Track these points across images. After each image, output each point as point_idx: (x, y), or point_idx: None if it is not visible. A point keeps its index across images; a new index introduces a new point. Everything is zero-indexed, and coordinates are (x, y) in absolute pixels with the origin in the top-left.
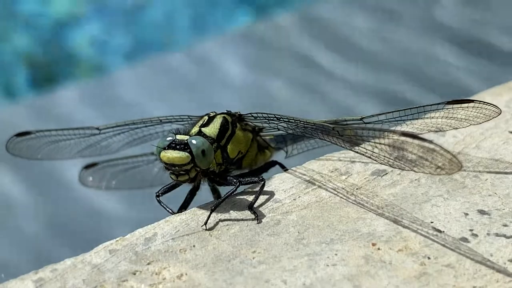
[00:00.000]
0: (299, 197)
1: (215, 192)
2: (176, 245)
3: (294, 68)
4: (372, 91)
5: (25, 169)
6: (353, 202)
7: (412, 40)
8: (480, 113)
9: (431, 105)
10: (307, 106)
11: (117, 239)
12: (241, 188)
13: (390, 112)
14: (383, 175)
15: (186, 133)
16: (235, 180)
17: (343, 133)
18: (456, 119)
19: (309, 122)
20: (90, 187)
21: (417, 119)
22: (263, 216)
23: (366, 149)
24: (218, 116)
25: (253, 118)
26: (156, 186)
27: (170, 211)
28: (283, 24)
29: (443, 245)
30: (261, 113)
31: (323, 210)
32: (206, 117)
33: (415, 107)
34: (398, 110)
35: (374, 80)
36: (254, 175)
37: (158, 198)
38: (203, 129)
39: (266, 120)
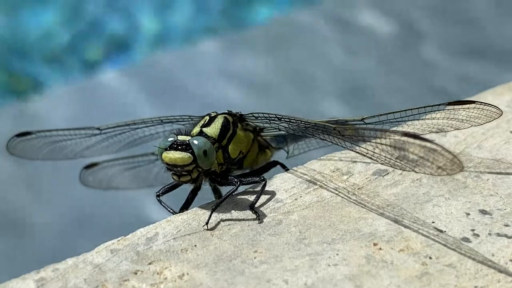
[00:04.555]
0: (300, 197)
1: (216, 192)
2: (177, 245)
3: None
4: None
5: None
6: (355, 202)
7: None
8: (481, 114)
9: (431, 106)
10: None
11: (119, 238)
12: (242, 188)
13: (391, 113)
14: (385, 175)
15: (188, 133)
16: (236, 180)
17: (344, 133)
18: (457, 120)
19: (310, 122)
20: (91, 187)
21: (418, 119)
22: (265, 216)
23: (367, 150)
24: (219, 116)
25: (254, 118)
26: (156, 186)
27: (171, 211)
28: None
29: (445, 245)
30: (262, 113)
31: (324, 210)
32: (207, 117)
33: (415, 108)
34: (399, 111)
35: None
36: (255, 175)
37: (158, 198)
38: (204, 129)
39: (267, 120)
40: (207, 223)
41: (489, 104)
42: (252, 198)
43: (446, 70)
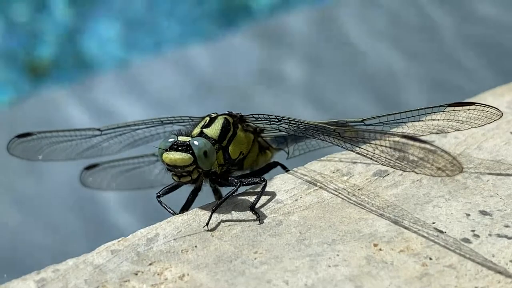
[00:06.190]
0: (300, 197)
1: (217, 193)
2: (178, 246)
3: None
4: None
5: None
6: (355, 202)
7: None
8: (481, 116)
9: (432, 107)
10: None
11: (119, 239)
12: (243, 189)
13: (392, 114)
14: (385, 176)
15: (188, 134)
16: (236, 181)
17: (344, 135)
18: (457, 121)
19: (310, 124)
20: (91, 188)
21: (418, 121)
22: (265, 216)
23: (367, 151)
24: (220, 117)
25: (254, 119)
26: (157, 186)
27: (172, 211)
28: None
29: (445, 246)
30: (263, 114)
31: (324, 211)
32: (208, 118)
33: (416, 109)
34: (400, 112)
35: None
36: (256, 176)
37: (159, 199)
38: (204, 130)
39: (267, 121)
40: (207, 224)
41: (489, 106)
42: (252, 199)
43: None
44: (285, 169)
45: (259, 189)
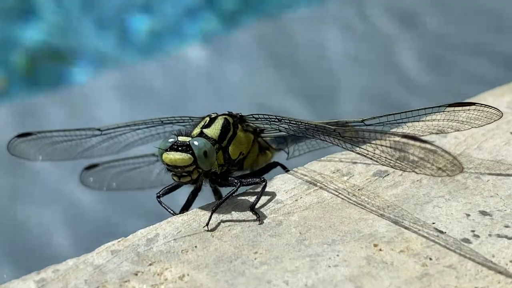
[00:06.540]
0: (300, 198)
1: (217, 193)
2: (178, 246)
3: None
4: None
5: None
6: (355, 203)
7: None
8: (481, 116)
9: (432, 107)
10: None
11: (119, 239)
12: (243, 189)
13: (392, 114)
14: (385, 176)
15: (188, 134)
16: (236, 181)
17: (344, 135)
18: (457, 121)
19: (310, 124)
20: (91, 188)
21: (418, 121)
22: (265, 217)
23: (368, 151)
24: (220, 117)
25: (254, 119)
26: (157, 187)
27: (172, 212)
28: None
29: (445, 246)
30: (263, 114)
31: (324, 211)
32: (208, 118)
33: (416, 110)
34: (400, 113)
35: None
36: (256, 176)
37: (159, 199)
38: (204, 130)
39: (267, 121)
40: (207, 224)
41: (489, 106)
42: (252, 199)
43: None
44: (285, 169)
45: (259, 189)
